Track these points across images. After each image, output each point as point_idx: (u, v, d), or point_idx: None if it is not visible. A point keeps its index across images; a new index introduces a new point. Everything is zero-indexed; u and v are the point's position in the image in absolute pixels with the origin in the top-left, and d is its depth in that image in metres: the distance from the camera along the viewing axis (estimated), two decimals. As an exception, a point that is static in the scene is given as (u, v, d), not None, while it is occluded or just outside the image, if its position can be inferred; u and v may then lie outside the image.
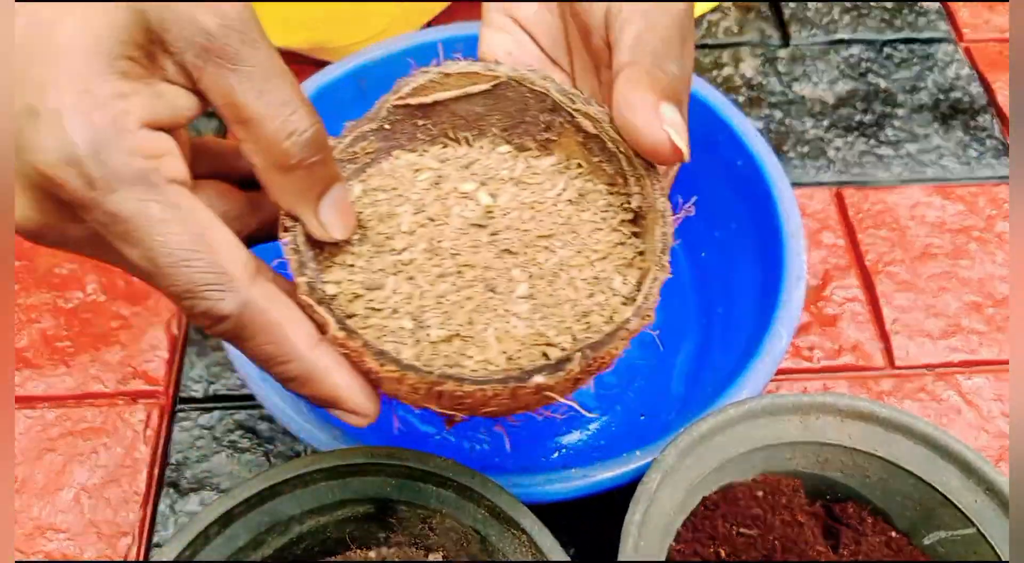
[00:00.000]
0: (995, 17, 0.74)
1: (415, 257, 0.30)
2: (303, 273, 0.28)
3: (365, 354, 0.26)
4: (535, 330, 0.28)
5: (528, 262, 0.30)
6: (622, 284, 0.30)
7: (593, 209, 0.31)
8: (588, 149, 0.31)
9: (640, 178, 0.30)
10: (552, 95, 0.30)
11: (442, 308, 0.29)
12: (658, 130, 0.27)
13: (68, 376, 0.54)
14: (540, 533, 0.35)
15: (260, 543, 0.38)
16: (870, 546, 0.40)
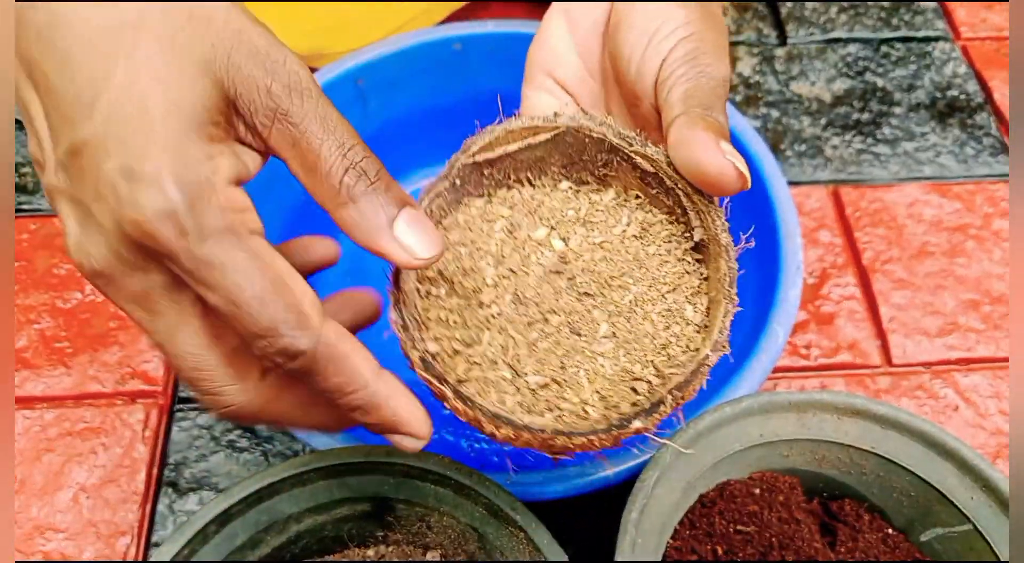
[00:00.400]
0: (992, 15, 0.74)
1: (504, 309, 0.31)
2: (415, 347, 0.30)
3: (483, 420, 0.28)
4: (621, 367, 0.30)
5: (606, 302, 0.32)
6: (693, 313, 0.31)
7: (658, 242, 0.33)
8: (646, 183, 0.33)
9: (700, 212, 0.31)
10: (610, 139, 0.32)
11: (535, 355, 0.31)
12: (722, 160, 0.29)
13: (66, 376, 0.54)
14: (538, 531, 0.35)
15: (258, 542, 0.38)
16: (867, 543, 0.40)
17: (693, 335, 0.31)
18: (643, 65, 0.32)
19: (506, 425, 0.28)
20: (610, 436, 0.28)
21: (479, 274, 0.32)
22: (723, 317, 0.30)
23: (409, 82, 0.57)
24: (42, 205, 0.62)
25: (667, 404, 0.28)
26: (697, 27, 0.32)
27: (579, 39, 0.36)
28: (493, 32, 0.56)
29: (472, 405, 0.28)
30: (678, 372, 0.29)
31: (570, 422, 0.29)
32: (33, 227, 0.60)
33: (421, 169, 0.62)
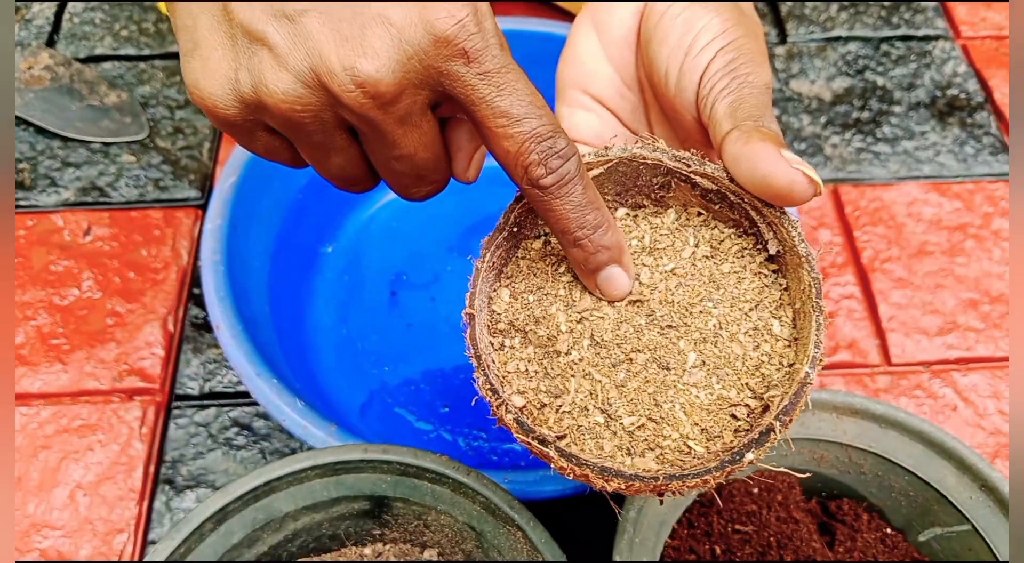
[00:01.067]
0: (992, 14, 0.74)
1: (584, 354, 0.31)
2: (508, 411, 0.29)
3: (591, 475, 0.28)
4: (716, 395, 0.30)
5: (690, 330, 0.31)
6: (780, 327, 0.30)
7: (730, 258, 0.32)
8: (708, 200, 0.32)
9: (772, 224, 0.30)
10: (667, 164, 0.31)
11: (626, 396, 0.30)
12: (789, 170, 0.28)
13: (63, 373, 0.54)
14: (535, 529, 0.35)
15: (255, 540, 0.38)
16: (865, 543, 0.40)
17: (784, 350, 0.30)
18: (682, 79, 0.32)
19: (616, 477, 0.27)
20: (723, 472, 0.27)
21: (551, 320, 0.31)
22: (816, 331, 0.28)
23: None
24: (39, 201, 0.61)
25: (776, 431, 0.27)
26: (734, 35, 0.31)
27: (612, 52, 0.35)
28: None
29: (579, 462, 0.28)
30: (778, 394, 0.29)
31: (673, 458, 0.29)
32: (30, 223, 0.60)
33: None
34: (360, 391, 0.53)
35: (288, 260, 0.54)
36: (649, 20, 0.33)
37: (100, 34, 0.72)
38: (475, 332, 0.30)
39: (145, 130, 0.66)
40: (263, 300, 0.50)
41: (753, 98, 0.30)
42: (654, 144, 0.31)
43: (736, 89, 0.30)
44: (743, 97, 0.30)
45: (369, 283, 0.58)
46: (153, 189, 0.63)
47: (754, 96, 0.30)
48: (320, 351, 0.54)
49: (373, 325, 0.56)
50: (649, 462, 0.29)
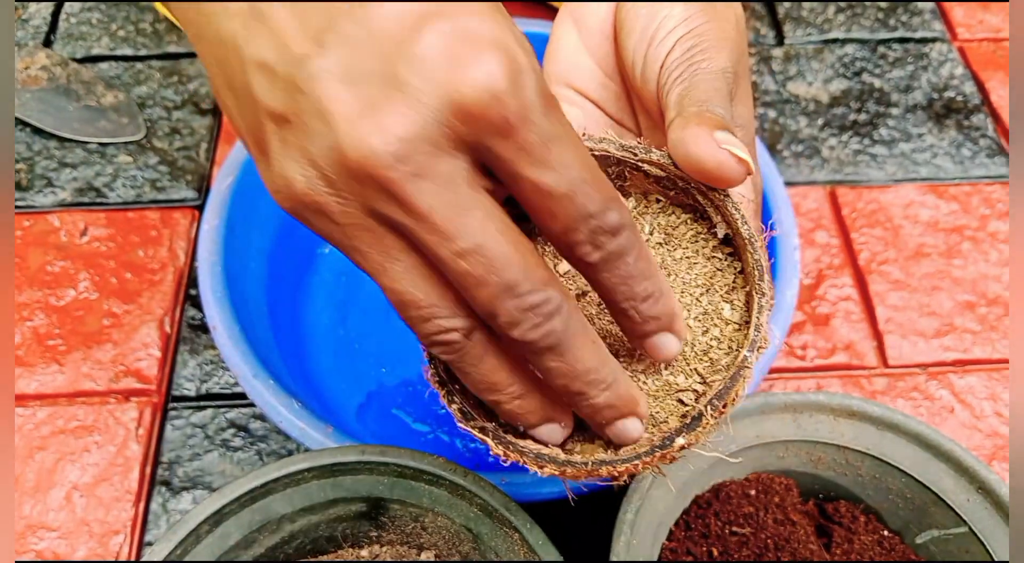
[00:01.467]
0: (989, 16, 0.74)
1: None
2: (453, 401, 0.29)
3: (526, 460, 0.28)
4: (663, 381, 0.30)
5: None
6: (731, 311, 0.30)
7: (684, 244, 0.32)
8: (663, 187, 0.32)
9: (718, 207, 0.30)
10: (614, 154, 0.31)
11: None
12: (717, 151, 0.28)
13: (60, 374, 0.54)
14: (532, 531, 0.35)
15: (252, 542, 0.38)
16: (863, 545, 0.40)
17: (734, 334, 0.30)
18: (646, 70, 0.31)
19: (549, 463, 0.28)
20: (653, 457, 0.27)
21: None
22: (757, 313, 0.28)
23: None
24: (36, 201, 0.61)
25: (707, 416, 0.27)
26: (696, 22, 0.31)
27: (590, 44, 0.35)
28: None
29: (514, 449, 0.28)
30: (719, 379, 0.29)
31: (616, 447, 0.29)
32: (26, 224, 0.60)
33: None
34: (357, 392, 0.53)
35: (285, 261, 0.54)
36: (620, 10, 0.33)
37: (97, 34, 0.72)
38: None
39: (142, 131, 0.66)
40: (260, 301, 0.50)
41: (704, 84, 0.30)
42: (601, 136, 0.31)
43: (688, 77, 0.30)
44: (694, 84, 0.30)
45: (367, 284, 0.57)
46: (150, 190, 0.62)
47: (706, 81, 0.30)
48: (317, 352, 0.54)
49: (371, 326, 0.56)
50: (597, 449, 0.29)
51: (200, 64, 0.70)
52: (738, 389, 0.28)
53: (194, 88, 0.69)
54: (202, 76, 0.70)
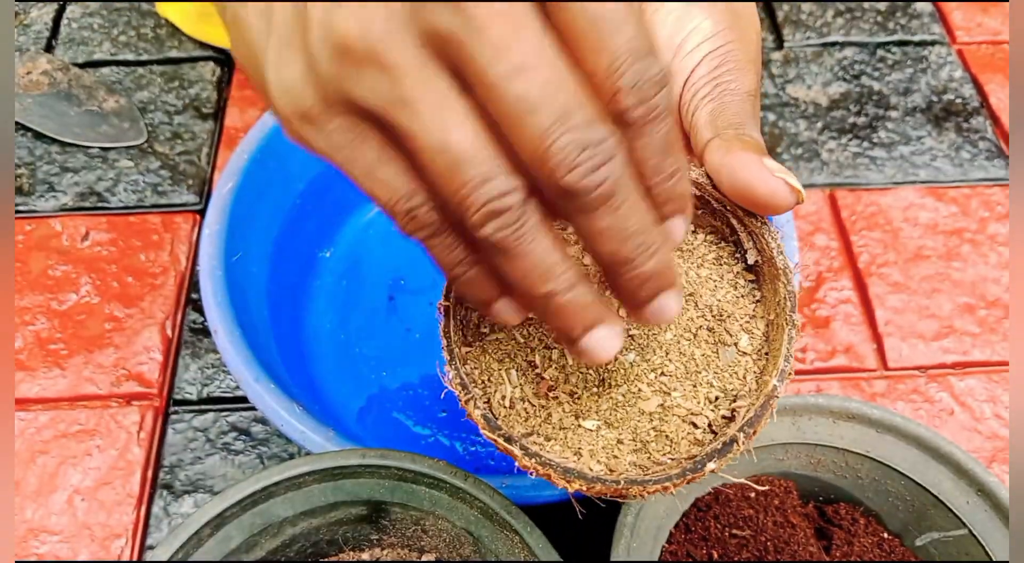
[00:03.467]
0: (988, 19, 0.74)
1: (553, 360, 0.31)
2: (477, 406, 0.28)
3: (553, 475, 0.27)
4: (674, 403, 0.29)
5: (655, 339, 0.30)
6: (749, 341, 0.30)
7: (707, 265, 0.31)
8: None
9: (753, 234, 0.30)
10: None
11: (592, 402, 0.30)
12: (771, 179, 0.27)
13: (61, 378, 0.54)
14: (533, 534, 0.35)
15: (253, 545, 0.38)
16: (862, 547, 0.40)
17: (753, 363, 0.30)
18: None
19: (578, 479, 0.27)
20: (684, 479, 0.27)
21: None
22: (787, 344, 0.28)
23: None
24: (37, 206, 0.62)
25: (740, 442, 0.27)
26: (724, 39, 0.30)
27: None
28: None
29: (543, 461, 0.27)
30: (744, 405, 0.28)
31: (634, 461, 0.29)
32: (28, 228, 0.60)
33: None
34: (358, 396, 0.53)
35: (286, 265, 0.54)
36: (642, 14, 0.33)
37: (98, 39, 0.73)
38: (449, 324, 0.29)
39: (143, 135, 0.66)
40: (261, 305, 0.50)
41: (735, 106, 0.29)
42: None
43: (718, 96, 0.29)
44: (724, 105, 0.29)
45: (368, 288, 0.58)
46: (151, 194, 0.63)
47: (736, 103, 0.29)
48: (318, 356, 0.54)
49: (371, 330, 0.56)
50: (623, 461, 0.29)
51: (201, 69, 0.71)
52: (766, 418, 0.28)
53: (195, 93, 0.69)
54: (203, 81, 0.70)
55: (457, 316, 0.30)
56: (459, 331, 0.30)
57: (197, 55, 0.72)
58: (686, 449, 0.29)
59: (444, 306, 0.30)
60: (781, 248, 0.29)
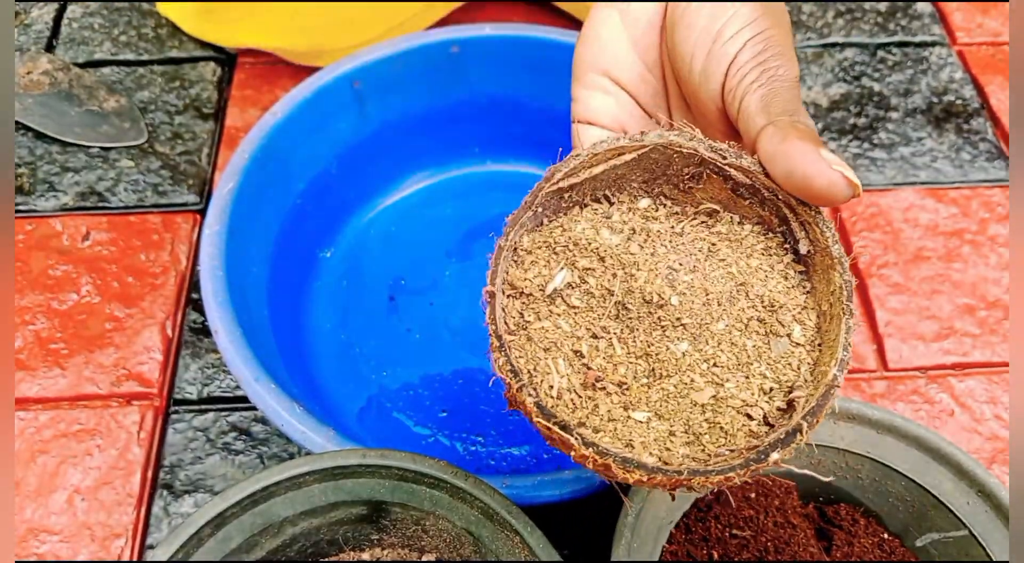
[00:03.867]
0: (988, 20, 0.74)
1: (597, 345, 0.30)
2: (529, 395, 0.27)
3: (612, 465, 0.26)
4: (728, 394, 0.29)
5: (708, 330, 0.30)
6: (801, 332, 0.30)
7: (757, 255, 0.31)
8: (737, 194, 0.31)
9: (805, 224, 0.30)
10: (702, 154, 0.30)
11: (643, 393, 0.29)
12: (829, 171, 0.27)
13: (62, 378, 0.54)
14: (533, 534, 0.35)
15: (253, 545, 0.38)
16: (862, 548, 0.40)
17: (806, 354, 0.29)
18: (708, 67, 0.31)
19: (638, 469, 0.26)
20: (747, 470, 0.26)
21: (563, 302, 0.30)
22: (845, 334, 0.28)
23: (406, 84, 0.57)
24: (38, 206, 0.62)
25: (803, 432, 0.26)
26: (763, 25, 0.30)
27: (635, 34, 0.34)
28: (491, 35, 0.56)
29: (601, 451, 0.26)
30: (802, 395, 0.28)
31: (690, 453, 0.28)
32: (29, 228, 0.60)
33: (419, 172, 0.62)
34: (358, 396, 0.53)
35: (287, 265, 0.54)
36: (677, 6, 0.32)
37: (99, 39, 0.73)
38: (495, 311, 0.29)
39: (144, 135, 0.66)
40: (262, 305, 0.50)
41: (785, 92, 0.29)
42: (692, 133, 0.30)
43: (767, 82, 0.29)
44: (775, 90, 0.29)
45: (368, 288, 0.58)
46: (152, 194, 0.63)
47: (786, 89, 0.29)
48: (319, 356, 0.54)
49: (372, 330, 0.56)
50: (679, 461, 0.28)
51: (202, 69, 0.71)
52: (827, 407, 0.27)
53: (196, 93, 0.69)
54: (204, 81, 0.70)
55: (501, 303, 0.29)
56: (503, 319, 0.29)
57: (198, 55, 0.72)
58: (743, 440, 0.28)
59: (489, 292, 0.29)
60: (836, 237, 0.29)
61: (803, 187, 0.28)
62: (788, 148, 0.27)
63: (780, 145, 0.28)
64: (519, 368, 0.28)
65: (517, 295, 0.30)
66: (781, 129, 0.28)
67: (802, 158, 0.27)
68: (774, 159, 0.28)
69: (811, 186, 0.27)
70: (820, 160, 0.27)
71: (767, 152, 0.28)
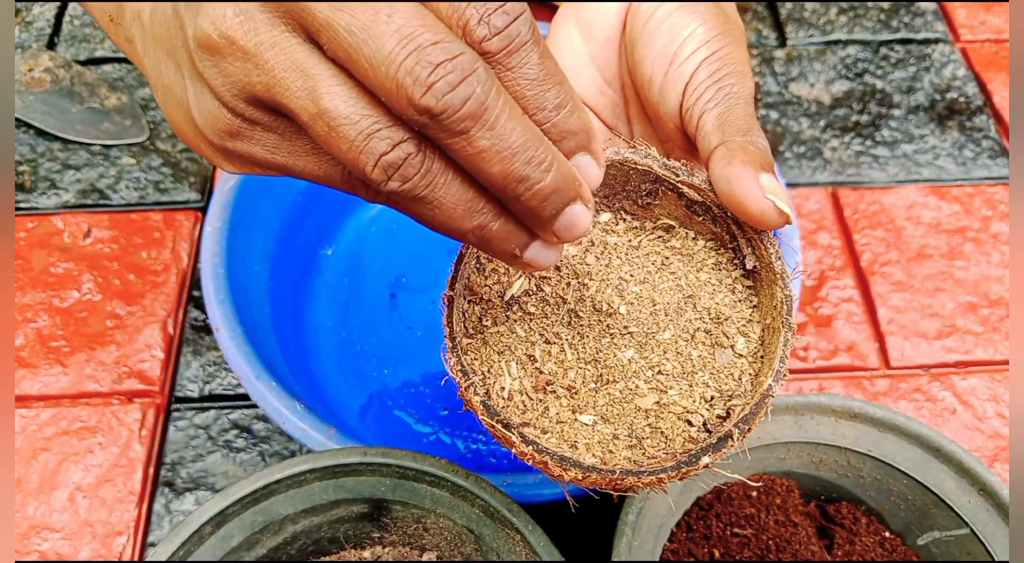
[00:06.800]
0: (991, 18, 0.74)
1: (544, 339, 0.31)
2: (476, 393, 0.29)
3: (550, 463, 0.28)
4: (670, 400, 0.30)
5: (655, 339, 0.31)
6: (745, 344, 0.31)
7: (707, 269, 0.32)
8: (691, 211, 0.32)
9: (751, 240, 0.31)
10: (656, 171, 0.31)
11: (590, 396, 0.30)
12: (762, 199, 0.28)
13: (63, 375, 0.54)
14: (534, 533, 0.35)
15: (254, 543, 0.38)
16: (864, 546, 0.40)
17: (748, 365, 0.31)
18: (665, 87, 0.32)
19: (574, 467, 0.28)
20: (679, 473, 0.28)
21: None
22: (783, 346, 0.29)
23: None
24: (39, 203, 0.62)
25: (734, 438, 0.28)
26: (719, 44, 0.31)
27: (594, 50, 0.35)
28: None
29: (540, 449, 0.28)
30: (739, 404, 0.29)
31: (627, 456, 0.29)
32: (30, 225, 0.60)
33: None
34: (359, 394, 0.53)
35: (288, 263, 0.54)
36: (635, 23, 0.33)
37: (100, 36, 0.72)
38: (452, 314, 0.30)
39: (145, 133, 0.66)
40: (263, 303, 0.50)
41: (739, 109, 0.30)
42: (646, 150, 0.31)
43: (722, 101, 0.30)
44: (730, 109, 0.30)
45: (369, 286, 0.58)
46: (153, 191, 0.63)
47: (740, 107, 0.30)
48: (320, 354, 0.54)
49: (373, 328, 0.56)
50: (617, 454, 0.29)
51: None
52: (760, 416, 0.28)
53: (197, 90, 0.69)
54: (205, 78, 0.70)
55: (460, 307, 0.31)
56: (461, 322, 0.31)
57: (199, 52, 0.72)
58: (681, 445, 0.29)
59: (448, 296, 0.30)
60: (779, 254, 0.30)
61: (740, 210, 0.29)
62: (730, 172, 0.29)
63: (725, 168, 0.29)
64: (470, 369, 0.29)
65: (477, 301, 0.32)
66: (729, 151, 0.29)
67: (739, 183, 0.28)
68: (718, 181, 0.29)
69: (746, 211, 0.29)
70: (756, 187, 0.28)
71: (714, 173, 0.29)
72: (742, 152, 0.29)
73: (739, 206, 0.29)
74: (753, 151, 0.29)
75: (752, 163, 0.29)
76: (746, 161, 0.28)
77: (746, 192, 0.28)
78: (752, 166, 0.28)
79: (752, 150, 0.29)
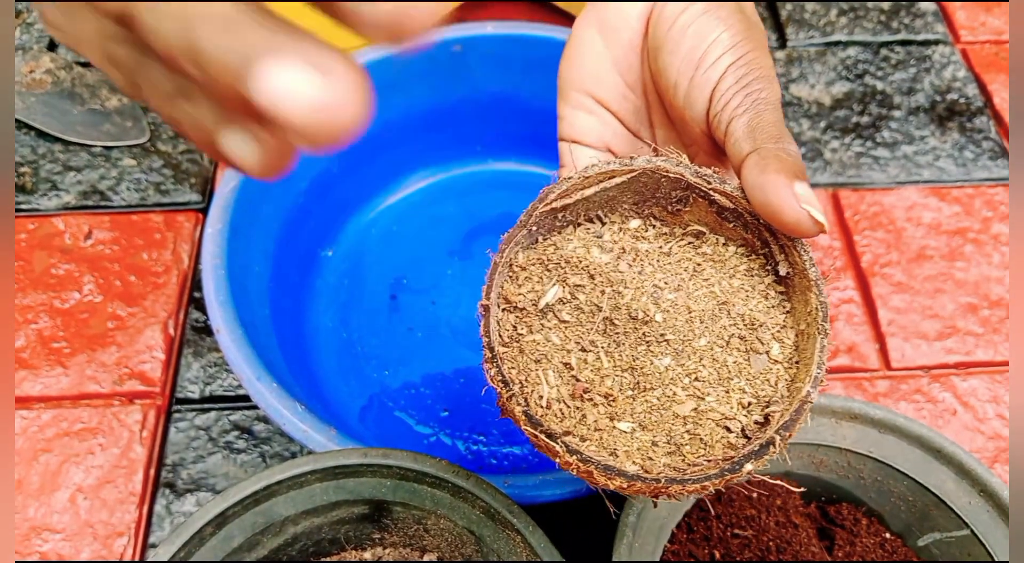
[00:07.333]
0: (992, 19, 0.74)
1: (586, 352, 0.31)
2: (518, 403, 0.29)
3: (595, 472, 0.28)
4: (709, 407, 0.30)
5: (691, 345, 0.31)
6: (780, 350, 0.31)
7: (739, 276, 0.32)
8: (722, 217, 0.32)
9: (785, 247, 0.31)
10: (688, 179, 0.32)
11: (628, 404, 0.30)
12: (797, 208, 0.28)
13: (64, 376, 0.54)
14: (535, 534, 0.35)
15: (255, 544, 0.38)
16: (864, 547, 0.40)
17: (784, 371, 0.31)
18: (692, 92, 0.32)
19: (618, 476, 0.28)
20: (722, 480, 0.28)
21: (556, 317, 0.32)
22: (819, 352, 0.29)
23: (408, 83, 0.57)
24: (40, 205, 0.62)
25: (776, 445, 0.28)
26: (744, 49, 0.31)
27: (617, 54, 0.35)
28: (493, 34, 0.56)
29: (584, 458, 0.28)
30: (778, 410, 0.29)
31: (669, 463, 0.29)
32: (31, 227, 0.60)
33: (420, 170, 0.62)
34: (360, 395, 0.53)
35: (289, 264, 0.54)
36: (658, 28, 0.33)
37: (101, 38, 0.72)
38: (490, 324, 0.30)
39: (146, 134, 0.66)
40: (264, 304, 0.50)
41: (768, 115, 0.30)
42: (678, 158, 0.32)
43: (751, 107, 0.30)
44: (760, 115, 0.30)
45: (370, 287, 0.58)
46: (154, 193, 0.63)
47: (769, 113, 0.30)
48: (320, 355, 0.54)
49: (373, 329, 0.56)
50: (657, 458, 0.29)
51: (204, 67, 0.71)
52: (800, 422, 0.29)
53: (198, 91, 0.69)
54: (206, 79, 0.70)
55: (495, 316, 0.31)
56: (497, 331, 0.31)
57: (200, 54, 0.72)
58: (720, 452, 0.29)
59: (484, 305, 0.30)
60: (813, 260, 0.30)
61: (775, 218, 0.29)
62: (765, 180, 0.29)
63: (759, 177, 0.29)
64: (510, 379, 0.29)
65: (511, 309, 0.32)
66: (763, 159, 0.29)
67: (775, 191, 0.28)
68: (753, 189, 0.29)
69: (782, 219, 0.29)
70: (791, 196, 0.28)
71: (748, 181, 0.29)
72: (776, 160, 0.29)
73: (774, 215, 0.29)
74: (786, 159, 0.29)
75: (786, 172, 0.29)
76: (780, 170, 0.29)
77: (782, 201, 0.28)
78: (786, 175, 0.29)
79: (785, 158, 0.29)
